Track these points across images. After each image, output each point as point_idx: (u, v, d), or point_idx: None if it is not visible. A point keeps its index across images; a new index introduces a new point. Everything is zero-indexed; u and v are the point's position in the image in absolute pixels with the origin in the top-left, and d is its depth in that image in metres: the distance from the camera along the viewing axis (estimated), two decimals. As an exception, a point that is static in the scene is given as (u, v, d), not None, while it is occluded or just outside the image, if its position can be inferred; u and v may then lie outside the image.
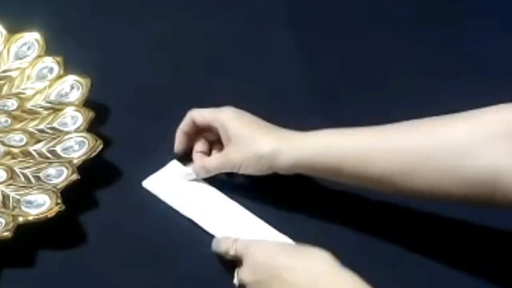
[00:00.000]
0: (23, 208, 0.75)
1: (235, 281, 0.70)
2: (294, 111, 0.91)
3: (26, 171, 0.80)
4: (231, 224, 0.78)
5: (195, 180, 0.82)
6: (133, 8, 1.05)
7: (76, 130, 0.83)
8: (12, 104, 0.87)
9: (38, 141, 0.83)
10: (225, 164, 0.79)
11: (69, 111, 0.85)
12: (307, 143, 0.75)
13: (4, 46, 0.92)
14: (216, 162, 0.80)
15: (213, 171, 0.80)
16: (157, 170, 0.82)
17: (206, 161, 0.81)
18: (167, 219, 0.78)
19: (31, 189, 0.77)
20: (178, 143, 0.83)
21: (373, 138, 0.74)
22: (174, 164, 0.83)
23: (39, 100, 0.87)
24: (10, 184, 0.78)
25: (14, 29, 0.93)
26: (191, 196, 0.81)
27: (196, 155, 0.82)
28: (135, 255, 0.76)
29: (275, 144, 0.76)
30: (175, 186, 0.81)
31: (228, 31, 1.02)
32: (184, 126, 0.82)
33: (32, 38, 0.91)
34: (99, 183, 0.81)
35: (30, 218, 0.73)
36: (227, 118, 0.79)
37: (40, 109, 0.87)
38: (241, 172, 0.78)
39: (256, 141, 0.77)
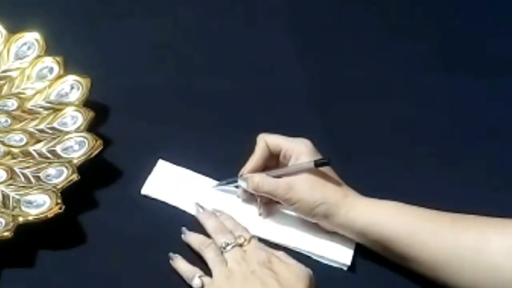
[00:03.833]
0: (23, 208, 0.75)
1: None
2: (293, 114, 0.91)
3: (26, 171, 0.80)
4: (236, 216, 0.79)
5: (193, 176, 0.83)
6: (133, 9, 1.05)
7: (76, 130, 0.82)
8: (12, 104, 0.87)
9: (38, 141, 0.83)
10: (279, 191, 0.76)
11: (69, 111, 0.85)
12: (361, 208, 0.74)
13: (4, 46, 0.92)
14: (271, 183, 0.77)
15: (261, 190, 0.77)
16: (156, 171, 0.83)
17: (262, 178, 0.78)
18: (167, 218, 0.78)
19: (31, 189, 0.77)
20: (250, 168, 0.79)
21: (428, 222, 0.73)
22: (163, 164, 0.83)
23: (39, 100, 0.87)
24: (10, 184, 0.78)
25: (14, 29, 0.93)
26: (192, 193, 0.81)
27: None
28: (135, 255, 0.75)
29: (342, 196, 0.75)
30: (173, 185, 0.81)
31: (228, 33, 1.02)
32: (260, 151, 0.79)
33: (32, 38, 0.91)
34: (99, 183, 0.81)
35: (30, 218, 0.73)
36: (301, 152, 0.77)
37: (40, 109, 0.87)
38: (289, 201, 0.76)
39: (325, 186, 0.75)
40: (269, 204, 0.80)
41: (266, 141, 0.79)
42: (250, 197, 0.80)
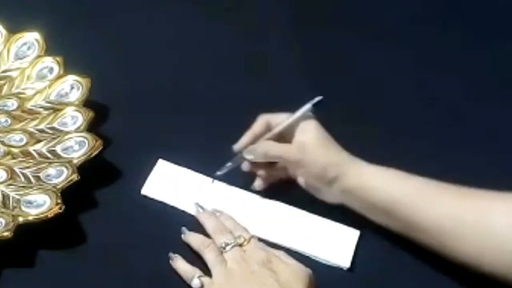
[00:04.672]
0: (23, 208, 0.75)
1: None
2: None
3: (26, 171, 0.80)
4: (236, 216, 0.79)
5: (193, 175, 0.83)
6: (133, 9, 1.05)
7: (76, 130, 0.83)
8: (12, 104, 0.87)
9: (38, 141, 0.83)
10: (291, 153, 0.77)
11: (69, 111, 0.85)
12: (369, 171, 0.76)
13: (4, 46, 0.92)
14: (281, 147, 0.78)
15: (271, 155, 0.78)
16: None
17: (269, 143, 0.79)
18: (167, 218, 0.79)
19: (31, 189, 0.77)
20: (244, 143, 0.80)
21: (433, 188, 0.74)
22: (163, 164, 0.83)
23: (39, 100, 0.87)
24: (10, 184, 0.78)
25: (14, 29, 0.93)
26: (192, 192, 0.81)
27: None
28: (135, 255, 0.76)
29: (351, 159, 0.76)
30: (172, 185, 0.82)
31: (228, 33, 1.02)
32: (257, 128, 0.80)
33: (32, 38, 0.91)
34: (99, 183, 0.81)
35: (30, 218, 0.73)
36: (307, 127, 0.78)
37: (40, 109, 0.87)
38: (301, 163, 0.77)
39: (336, 147, 0.77)
40: (268, 178, 0.80)
41: (268, 119, 0.80)
42: (255, 169, 0.81)
